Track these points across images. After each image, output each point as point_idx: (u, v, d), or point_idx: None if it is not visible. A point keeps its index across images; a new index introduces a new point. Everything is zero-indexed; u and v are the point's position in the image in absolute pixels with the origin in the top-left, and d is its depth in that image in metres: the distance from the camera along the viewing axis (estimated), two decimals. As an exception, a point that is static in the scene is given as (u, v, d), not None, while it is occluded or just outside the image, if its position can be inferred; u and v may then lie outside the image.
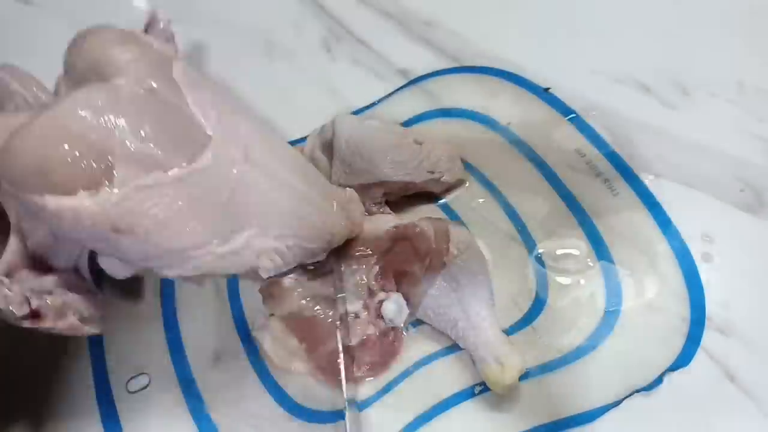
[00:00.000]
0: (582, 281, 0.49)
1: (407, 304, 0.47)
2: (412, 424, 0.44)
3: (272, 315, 0.48)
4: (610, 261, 0.50)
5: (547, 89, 0.60)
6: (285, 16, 0.70)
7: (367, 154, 0.50)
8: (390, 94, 0.61)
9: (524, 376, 0.45)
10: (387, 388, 0.46)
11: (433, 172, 0.51)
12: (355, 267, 0.48)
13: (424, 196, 0.54)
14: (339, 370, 0.44)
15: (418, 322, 0.48)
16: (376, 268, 0.48)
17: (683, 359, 0.46)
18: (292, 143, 0.56)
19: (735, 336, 0.47)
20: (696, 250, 0.50)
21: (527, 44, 0.65)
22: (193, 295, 0.50)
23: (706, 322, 0.47)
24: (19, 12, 0.71)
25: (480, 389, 0.45)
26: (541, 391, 0.45)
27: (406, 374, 0.46)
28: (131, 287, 0.49)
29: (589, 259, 0.50)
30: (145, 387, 0.46)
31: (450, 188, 0.55)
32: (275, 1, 0.71)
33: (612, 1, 0.69)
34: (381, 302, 0.47)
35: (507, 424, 0.44)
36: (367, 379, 0.46)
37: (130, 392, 0.46)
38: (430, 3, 0.69)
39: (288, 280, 0.48)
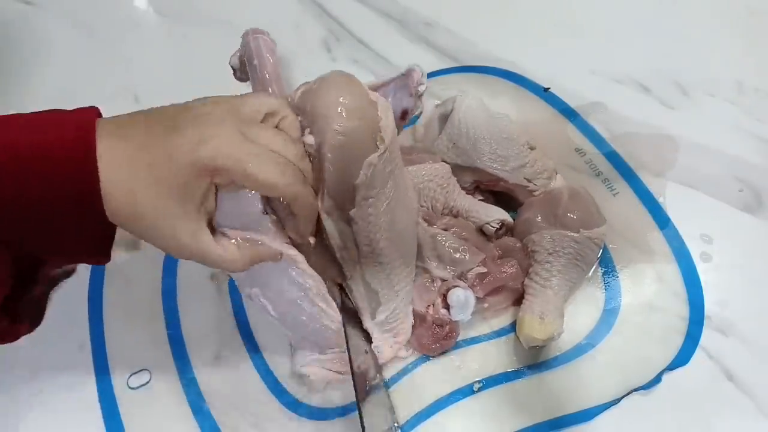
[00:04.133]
0: (583, 280, 0.49)
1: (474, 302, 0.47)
2: (411, 422, 0.44)
3: None
4: (610, 260, 0.50)
5: (546, 89, 0.60)
6: (285, 17, 0.70)
7: (474, 137, 0.50)
8: (390, 94, 0.62)
9: (523, 374, 0.46)
10: (387, 386, 0.46)
11: (530, 181, 0.51)
12: (466, 248, 0.47)
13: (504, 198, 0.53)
14: None
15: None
16: (483, 269, 0.47)
17: (682, 358, 0.46)
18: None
19: (734, 335, 0.47)
20: (695, 250, 0.51)
21: (527, 44, 0.65)
22: (195, 292, 0.51)
23: (705, 322, 0.47)
24: (19, 12, 0.72)
25: (479, 387, 0.45)
26: (540, 388, 0.45)
27: (405, 372, 0.46)
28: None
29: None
30: (146, 383, 0.46)
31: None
32: (276, 1, 0.72)
33: (611, 1, 0.70)
34: (454, 287, 0.46)
35: (506, 422, 0.44)
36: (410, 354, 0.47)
37: (131, 388, 0.46)
38: (430, 3, 0.69)
39: None
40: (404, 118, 0.49)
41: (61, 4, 0.72)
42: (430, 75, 0.62)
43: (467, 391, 0.45)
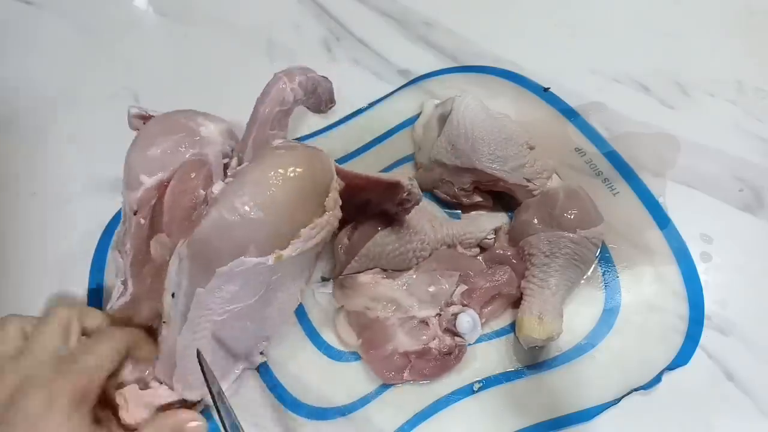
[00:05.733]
0: (581, 279, 0.49)
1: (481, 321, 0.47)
2: (411, 421, 0.44)
3: (341, 307, 0.48)
4: (610, 260, 0.50)
5: (546, 89, 0.60)
6: (285, 16, 0.70)
7: (472, 138, 0.50)
8: (390, 94, 0.62)
9: (523, 374, 0.46)
10: (387, 385, 0.46)
11: (529, 181, 0.50)
12: (438, 277, 0.47)
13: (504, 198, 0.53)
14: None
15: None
16: (463, 286, 0.47)
17: (682, 358, 0.46)
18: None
19: (734, 335, 0.47)
20: (695, 250, 0.51)
21: (527, 44, 0.65)
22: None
23: (705, 321, 0.47)
24: (19, 12, 0.72)
25: (479, 387, 0.45)
26: (540, 388, 0.45)
27: (405, 372, 0.46)
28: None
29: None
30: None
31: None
32: (276, 1, 0.72)
33: (611, 1, 0.70)
34: (455, 315, 0.46)
35: (506, 422, 0.44)
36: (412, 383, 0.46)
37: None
38: (430, 3, 0.69)
39: (364, 276, 0.48)
40: (382, 216, 0.48)
41: (60, 4, 0.72)
42: (430, 75, 0.63)
43: (467, 391, 0.45)
